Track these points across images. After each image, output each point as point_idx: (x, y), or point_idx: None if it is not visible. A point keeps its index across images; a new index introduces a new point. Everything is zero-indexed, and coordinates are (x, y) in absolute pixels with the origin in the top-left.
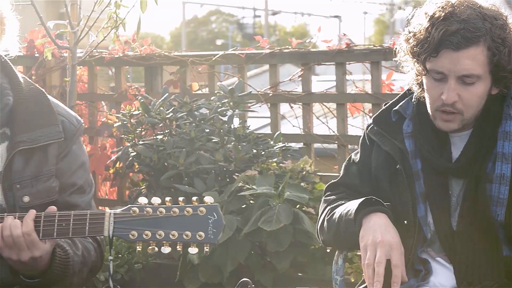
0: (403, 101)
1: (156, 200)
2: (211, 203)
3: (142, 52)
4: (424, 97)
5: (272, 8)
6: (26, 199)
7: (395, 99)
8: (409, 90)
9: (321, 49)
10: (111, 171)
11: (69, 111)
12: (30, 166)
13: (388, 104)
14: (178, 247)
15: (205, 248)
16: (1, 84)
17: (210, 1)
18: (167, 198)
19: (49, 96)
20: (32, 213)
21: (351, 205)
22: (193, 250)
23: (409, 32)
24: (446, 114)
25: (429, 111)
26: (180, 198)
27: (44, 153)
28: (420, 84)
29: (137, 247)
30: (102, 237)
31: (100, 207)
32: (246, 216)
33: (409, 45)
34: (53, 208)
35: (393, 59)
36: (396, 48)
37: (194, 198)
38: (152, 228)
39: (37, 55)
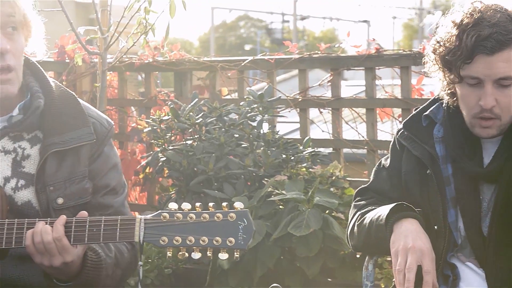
0: (434, 106)
1: (186, 206)
2: (241, 208)
3: (172, 58)
4: (454, 105)
5: (300, 13)
6: (60, 200)
7: (425, 104)
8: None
9: (351, 54)
10: (141, 176)
11: (99, 114)
12: (63, 168)
13: (418, 109)
14: (208, 252)
15: (235, 254)
16: (32, 87)
17: (239, 6)
18: (197, 204)
19: (79, 99)
20: (63, 218)
21: (382, 211)
22: (223, 256)
23: (437, 42)
24: (485, 120)
25: (466, 119)
26: (210, 204)
27: (76, 155)
28: (453, 94)
29: (168, 252)
30: None
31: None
32: (276, 221)
33: (438, 55)
34: (84, 213)
35: (423, 64)
36: (424, 59)
37: (224, 204)
38: (182, 234)
39: (67, 60)
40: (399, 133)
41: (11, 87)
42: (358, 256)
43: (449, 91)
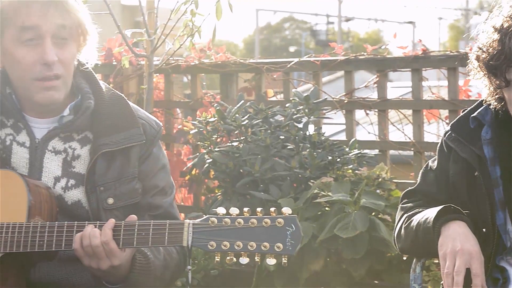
0: (482, 108)
1: (234, 211)
2: (289, 214)
3: (218, 60)
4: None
5: (345, 14)
6: (110, 201)
7: (473, 105)
8: None
9: (397, 56)
10: (187, 177)
11: (148, 115)
12: (113, 169)
13: (466, 111)
14: (256, 258)
15: (283, 259)
16: (82, 88)
17: (284, 8)
18: (245, 209)
19: (129, 101)
20: (111, 222)
21: (429, 213)
22: (271, 261)
23: (479, 49)
24: None
25: None
26: (258, 209)
27: (126, 155)
28: (501, 99)
29: (216, 257)
30: None
31: None
32: (322, 223)
33: (482, 61)
34: (133, 217)
35: (468, 71)
36: (468, 66)
37: (272, 209)
38: (230, 239)
39: (114, 63)
40: (447, 135)
41: (56, 94)
42: (405, 258)
43: (496, 96)
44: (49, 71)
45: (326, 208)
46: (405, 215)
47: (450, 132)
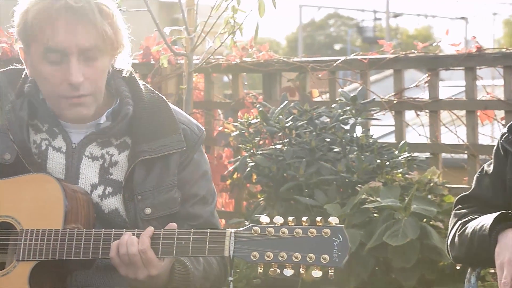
0: None
1: (278, 220)
2: (336, 224)
3: (260, 58)
4: None
5: (393, 10)
6: (148, 211)
7: None
8: None
9: (450, 53)
10: (228, 182)
11: (190, 119)
12: (152, 177)
13: None
14: (301, 269)
15: (329, 272)
16: (122, 91)
17: (328, 3)
18: (290, 218)
19: (170, 104)
20: (150, 230)
21: (485, 220)
22: (316, 273)
23: None
24: None
25: None
26: (304, 218)
27: (165, 163)
28: None
29: (259, 268)
30: None
31: None
32: (370, 230)
33: None
34: (173, 225)
35: None
36: None
37: (318, 219)
38: (274, 249)
39: (152, 62)
40: (503, 137)
41: (85, 110)
42: (458, 267)
43: None
44: (75, 91)
45: (375, 215)
46: (459, 222)
47: (507, 134)
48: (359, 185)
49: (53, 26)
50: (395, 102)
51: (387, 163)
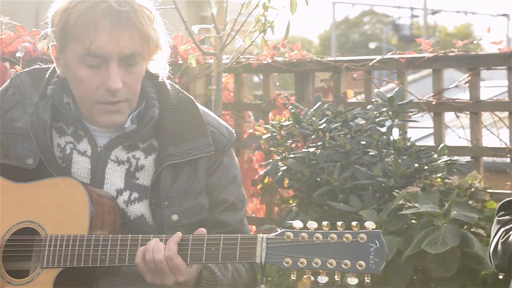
0: None
1: (312, 225)
2: (372, 229)
3: (292, 58)
4: None
5: (431, 7)
6: (175, 217)
7: None
8: None
9: (491, 52)
10: (259, 186)
11: (219, 121)
12: (179, 182)
13: None
14: (336, 276)
15: (366, 279)
16: (147, 92)
17: (363, 0)
18: (324, 223)
19: (198, 105)
20: (178, 235)
21: None
22: (352, 280)
23: None
24: None
25: None
26: (339, 223)
27: (193, 167)
28: None
29: (291, 275)
30: None
31: None
32: (408, 237)
33: None
34: (202, 231)
35: None
36: None
37: (354, 223)
38: (307, 256)
39: (180, 62)
40: None
41: (120, 117)
42: (501, 277)
43: None
44: (112, 97)
45: (413, 221)
46: (502, 229)
47: None
48: (396, 190)
49: (96, 30)
50: (434, 103)
51: (426, 167)
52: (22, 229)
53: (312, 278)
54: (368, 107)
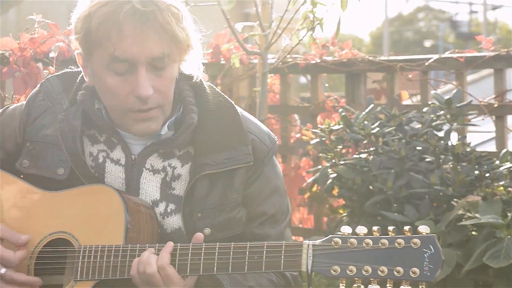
0: None
1: (361, 230)
2: (426, 233)
3: (342, 57)
4: None
5: (491, 2)
6: (207, 231)
7: None
8: None
9: None
10: (307, 195)
11: (261, 128)
12: (214, 193)
13: None
14: (388, 285)
15: (420, 287)
16: (185, 96)
17: None
18: (375, 228)
19: (239, 109)
20: (170, 245)
21: None
22: None
23: None
24: None
25: None
26: (390, 228)
27: (230, 178)
28: None
29: (340, 284)
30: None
31: (293, 237)
32: (468, 250)
33: None
34: (199, 236)
35: None
36: None
37: (406, 228)
38: (357, 263)
39: (223, 62)
40: None
41: (153, 124)
42: None
43: None
44: (144, 105)
45: (473, 233)
46: None
47: None
48: (455, 200)
49: (120, 33)
50: (495, 105)
51: (487, 175)
52: (54, 240)
53: (362, 287)
54: (424, 109)
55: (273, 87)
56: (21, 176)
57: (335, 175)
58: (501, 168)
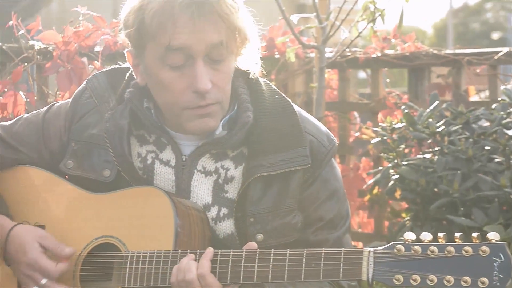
0: None
1: (426, 237)
2: (496, 241)
3: (405, 50)
4: None
5: None
6: (260, 237)
7: None
8: None
9: None
10: (366, 198)
11: (319, 128)
12: (268, 197)
13: None
14: None
15: None
16: (240, 93)
17: None
18: (440, 234)
19: (296, 107)
20: (210, 252)
21: None
22: None
23: None
24: None
25: None
26: (457, 234)
27: (285, 181)
28: None
29: None
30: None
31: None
32: None
33: None
34: (252, 245)
35: None
36: None
37: (474, 235)
38: (421, 272)
39: (277, 56)
40: None
41: (212, 121)
42: None
43: None
44: (202, 101)
45: None
46: None
47: None
48: None
49: (175, 24)
50: None
51: None
52: (101, 244)
53: None
54: (493, 106)
55: (331, 82)
56: (66, 177)
57: (397, 176)
58: None
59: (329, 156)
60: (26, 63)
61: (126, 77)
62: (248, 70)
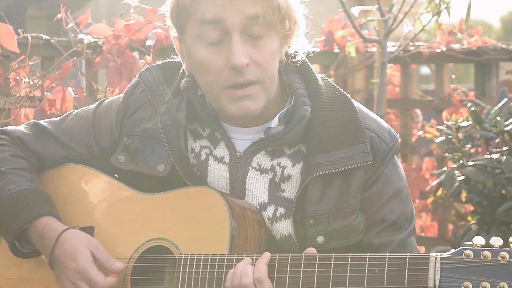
0: None
1: (496, 241)
2: None
3: (472, 45)
4: None
5: None
6: (320, 240)
7: None
8: None
9: None
10: (430, 200)
11: (381, 124)
12: (328, 197)
13: None
14: None
15: None
16: (296, 88)
17: None
18: (511, 239)
19: (355, 103)
20: (267, 256)
21: None
22: None
23: None
24: None
25: None
26: None
27: (346, 180)
28: None
29: None
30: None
31: None
32: None
33: None
34: (312, 250)
35: None
36: None
37: None
38: (491, 279)
39: (336, 51)
40: None
41: (253, 104)
42: None
43: None
44: (240, 77)
45: None
46: None
47: None
48: None
49: None
50: None
51: None
52: (152, 247)
53: None
54: None
55: (393, 78)
56: (115, 175)
57: (462, 177)
58: None
59: (391, 153)
60: (75, 58)
61: (181, 71)
62: (296, 52)
